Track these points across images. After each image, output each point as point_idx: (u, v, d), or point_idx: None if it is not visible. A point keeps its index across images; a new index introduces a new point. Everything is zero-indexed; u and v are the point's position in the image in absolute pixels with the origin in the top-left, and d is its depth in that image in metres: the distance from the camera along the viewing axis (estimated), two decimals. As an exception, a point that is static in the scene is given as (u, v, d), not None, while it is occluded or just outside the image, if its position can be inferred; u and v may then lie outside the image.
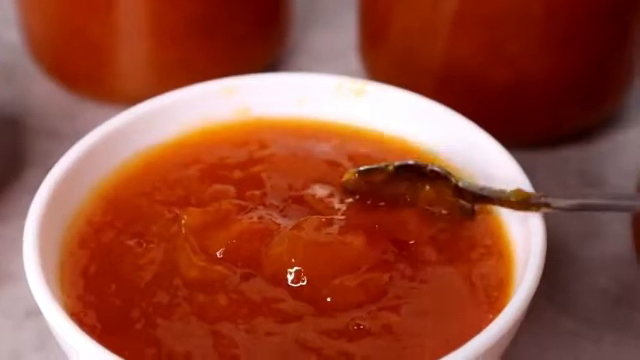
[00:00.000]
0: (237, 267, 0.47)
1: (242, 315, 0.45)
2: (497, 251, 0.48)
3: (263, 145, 0.53)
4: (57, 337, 0.44)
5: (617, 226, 0.60)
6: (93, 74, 0.67)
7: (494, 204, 0.48)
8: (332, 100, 0.54)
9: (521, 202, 0.48)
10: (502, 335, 0.43)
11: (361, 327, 0.45)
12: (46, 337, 0.54)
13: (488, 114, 0.56)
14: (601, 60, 0.64)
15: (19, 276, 0.57)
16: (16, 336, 0.55)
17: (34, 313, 0.55)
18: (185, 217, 0.48)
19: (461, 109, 0.53)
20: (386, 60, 0.67)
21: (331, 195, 0.50)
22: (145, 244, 0.48)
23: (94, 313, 0.45)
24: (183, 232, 0.48)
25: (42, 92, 0.69)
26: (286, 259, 0.46)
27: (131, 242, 0.49)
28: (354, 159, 0.52)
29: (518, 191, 0.48)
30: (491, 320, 0.43)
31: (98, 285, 0.47)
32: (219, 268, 0.46)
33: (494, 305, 0.46)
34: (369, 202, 0.50)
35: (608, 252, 0.59)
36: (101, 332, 0.44)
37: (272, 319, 0.45)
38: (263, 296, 0.46)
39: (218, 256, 0.47)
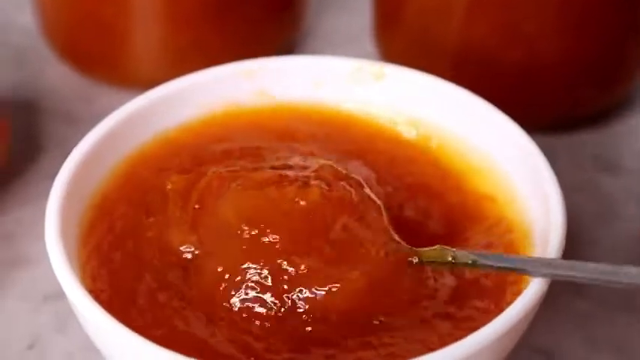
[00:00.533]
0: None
1: (234, 297, 0.45)
2: (516, 236, 0.48)
3: (282, 130, 0.53)
4: (79, 317, 0.45)
5: (633, 207, 0.60)
6: (107, 57, 0.67)
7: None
8: (351, 83, 0.54)
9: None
10: (521, 318, 0.43)
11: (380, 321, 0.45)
12: (64, 320, 0.54)
13: (504, 96, 0.56)
14: (617, 42, 0.63)
15: (37, 259, 0.57)
16: (35, 319, 0.55)
17: (52, 295, 0.55)
18: (170, 184, 0.49)
19: (476, 91, 0.53)
20: (401, 42, 0.66)
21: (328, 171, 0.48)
22: (153, 219, 0.49)
23: (114, 292, 0.46)
24: (170, 195, 0.48)
25: (56, 76, 0.69)
26: (232, 217, 0.46)
27: (144, 220, 0.49)
28: (370, 152, 0.52)
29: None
30: (510, 303, 0.43)
31: (115, 264, 0.47)
32: (193, 237, 0.46)
33: (513, 289, 0.46)
34: None
35: (623, 233, 0.59)
36: (121, 311, 0.44)
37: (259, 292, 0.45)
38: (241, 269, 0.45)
39: (195, 207, 0.47)
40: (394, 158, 0.52)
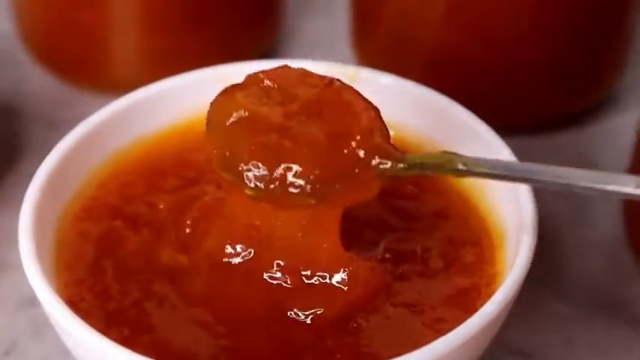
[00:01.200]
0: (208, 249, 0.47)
1: (222, 309, 0.46)
2: (486, 239, 0.49)
3: None
4: (54, 325, 0.45)
5: (608, 208, 0.60)
6: (86, 62, 0.67)
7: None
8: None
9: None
10: (492, 319, 0.43)
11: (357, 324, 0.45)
12: (42, 326, 0.54)
13: (482, 100, 0.56)
14: (594, 44, 0.64)
15: (14, 264, 0.57)
16: (12, 324, 0.55)
17: (30, 301, 0.55)
18: (162, 203, 0.49)
19: (453, 95, 0.53)
20: (378, 47, 0.67)
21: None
22: (137, 230, 0.49)
23: (89, 300, 0.46)
24: (161, 216, 0.49)
25: (35, 81, 0.69)
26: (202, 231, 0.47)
27: (125, 228, 0.49)
28: None
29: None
30: (482, 304, 0.44)
31: (94, 271, 0.47)
32: (185, 257, 0.47)
33: (485, 290, 0.46)
34: None
35: (599, 235, 0.59)
36: (97, 319, 0.45)
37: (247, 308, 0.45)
38: (233, 285, 0.46)
39: (186, 231, 0.47)
40: None
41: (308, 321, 0.45)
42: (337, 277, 0.45)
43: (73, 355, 0.46)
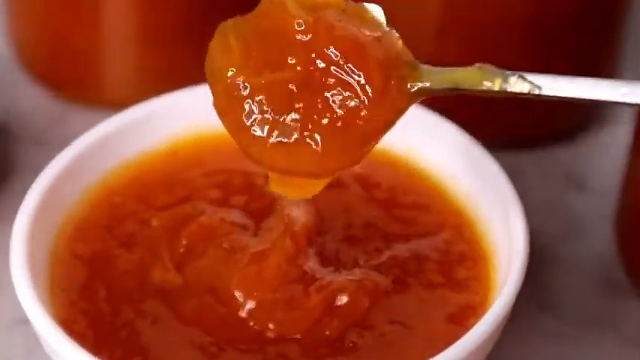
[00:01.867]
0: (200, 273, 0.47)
1: (215, 329, 0.46)
2: (478, 255, 0.49)
3: None
4: (45, 346, 0.45)
5: (600, 225, 0.61)
6: (81, 81, 0.67)
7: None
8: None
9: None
10: (486, 338, 0.43)
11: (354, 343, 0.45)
12: (34, 345, 0.54)
13: (473, 116, 0.56)
14: (586, 62, 0.64)
15: (7, 283, 0.56)
16: (6, 343, 0.55)
17: (24, 320, 0.55)
18: (155, 220, 0.49)
19: (446, 112, 0.53)
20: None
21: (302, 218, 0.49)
22: (131, 250, 0.49)
23: (83, 321, 0.46)
24: (155, 235, 0.49)
25: (30, 99, 0.69)
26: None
27: (118, 249, 0.49)
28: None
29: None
30: (475, 323, 0.44)
31: (87, 292, 0.47)
32: (186, 272, 0.47)
33: (479, 308, 0.46)
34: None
35: (591, 251, 0.59)
36: (90, 340, 0.45)
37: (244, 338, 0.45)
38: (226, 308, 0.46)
39: (180, 250, 0.48)
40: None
41: (304, 340, 0.45)
42: (338, 301, 0.46)
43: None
